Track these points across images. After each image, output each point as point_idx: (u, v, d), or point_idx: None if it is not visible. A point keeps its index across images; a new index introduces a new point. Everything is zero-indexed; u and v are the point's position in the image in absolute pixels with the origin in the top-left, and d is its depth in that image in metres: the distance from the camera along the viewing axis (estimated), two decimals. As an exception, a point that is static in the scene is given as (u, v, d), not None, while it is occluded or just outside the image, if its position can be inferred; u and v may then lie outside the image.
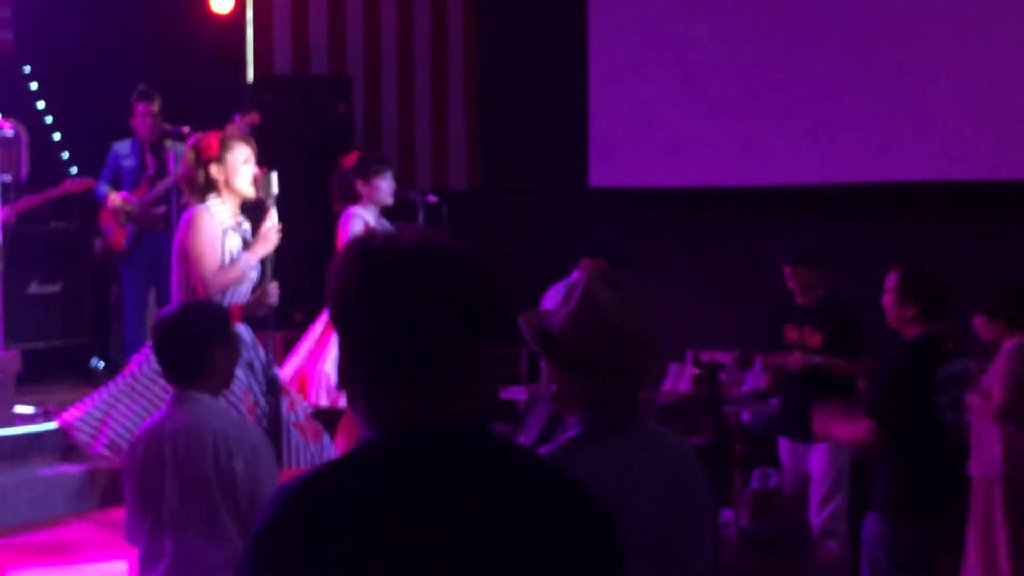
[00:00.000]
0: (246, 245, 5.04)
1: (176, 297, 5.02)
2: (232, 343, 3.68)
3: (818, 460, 5.74)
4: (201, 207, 4.99)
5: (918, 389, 4.64)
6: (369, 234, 1.82)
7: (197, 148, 5.05)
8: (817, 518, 5.75)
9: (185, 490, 3.42)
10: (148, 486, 3.48)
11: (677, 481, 2.49)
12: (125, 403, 4.84)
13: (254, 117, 7.97)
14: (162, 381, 4.70)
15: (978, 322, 5.11)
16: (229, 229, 5.01)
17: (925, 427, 4.66)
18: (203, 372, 3.55)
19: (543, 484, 1.77)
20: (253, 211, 5.13)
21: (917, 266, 4.87)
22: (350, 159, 6.86)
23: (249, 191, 5.05)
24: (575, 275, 7.18)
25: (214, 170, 5.01)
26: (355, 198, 6.68)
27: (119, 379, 4.98)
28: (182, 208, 5.24)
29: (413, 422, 1.73)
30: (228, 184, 5.02)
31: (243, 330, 4.98)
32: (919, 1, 8.14)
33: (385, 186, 6.66)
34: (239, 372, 4.37)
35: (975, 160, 7.89)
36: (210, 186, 5.02)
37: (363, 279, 1.75)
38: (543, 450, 2.52)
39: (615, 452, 2.43)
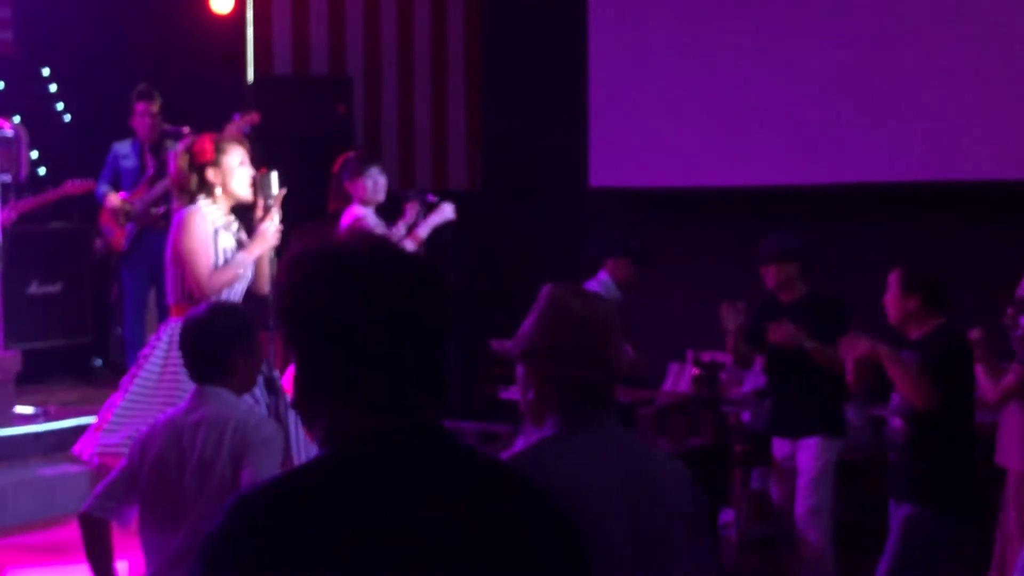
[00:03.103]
0: (240, 245, 5.04)
1: (171, 298, 5.02)
2: (255, 349, 3.71)
3: (806, 454, 5.73)
4: (193, 208, 4.98)
5: (969, 376, 4.70)
6: (315, 243, 1.77)
7: (191, 152, 5.04)
8: (801, 507, 5.74)
9: (202, 481, 3.45)
10: (165, 478, 3.50)
11: (643, 481, 2.54)
12: (142, 409, 4.83)
13: (254, 117, 7.97)
14: (174, 383, 4.72)
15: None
16: (221, 229, 5.01)
17: (966, 417, 4.70)
18: (224, 374, 3.60)
19: (505, 493, 1.73)
20: (249, 211, 5.13)
21: (915, 263, 4.90)
22: (338, 161, 6.80)
23: (246, 193, 5.04)
24: (601, 274, 7.14)
25: (211, 173, 5.00)
26: (348, 199, 6.62)
27: (126, 392, 4.95)
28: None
29: (369, 434, 1.70)
30: (225, 187, 5.02)
31: None
32: (917, 1, 8.15)
33: (370, 184, 6.55)
34: None
35: (975, 160, 7.90)
36: (202, 189, 5.01)
37: (314, 289, 1.72)
38: (517, 449, 2.61)
39: (585, 448, 2.51)
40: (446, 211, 6.73)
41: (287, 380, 5.88)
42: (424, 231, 6.64)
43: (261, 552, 1.61)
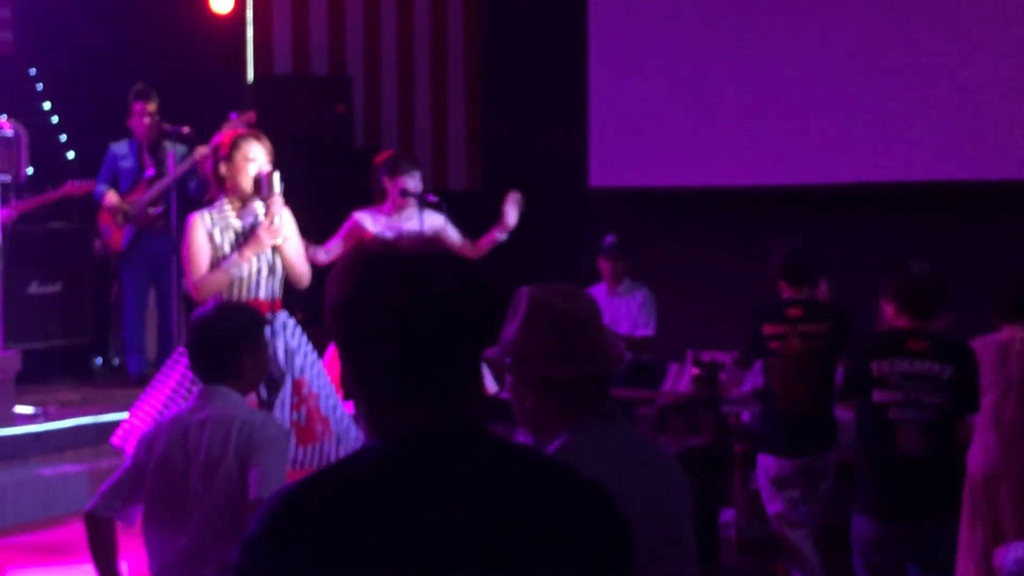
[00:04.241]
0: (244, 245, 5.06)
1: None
2: (261, 350, 3.70)
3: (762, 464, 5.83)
4: (198, 213, 5.04)
5: (856, 382, 4.66)
6: (367, 243, 1.80)
7: (215, 148, 5.13)
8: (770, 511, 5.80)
9: (208, 480, 3.44)
10: (170, 477, 3.50)
11: (661, 482, 2.53)
12: (147, 405, 4.87)
13: (250, 116, 7.96)
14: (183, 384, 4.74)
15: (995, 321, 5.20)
16: (231, 229, 5.02)
17: (866, 422, 4.67)
18: (230, 373, 3.59)
19: (552, 484, 1.73)
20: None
21: (902, 265, 4.83)
22: (382, 156, 6.87)
23: (247, 189, 5.06)
24: (602, 285, 7.30)
25: (223, 168, 5.05)
26: (382, 196, 6.67)
27: (157, 386, 4.99)
28: (182, 208, 5.29)
29: (412, 430, 1.70)
30: (233, 181, 5.05)
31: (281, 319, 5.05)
32: (917, 2, 8.15)
33: (412, 185, 6.61)
34: None
35: (974, 160, 7.90)
36: (221, 184, 5.09)
37: (359, 290, 1.73)
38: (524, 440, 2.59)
39: (596, 454, 2.47)
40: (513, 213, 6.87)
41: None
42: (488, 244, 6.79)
43: (298, 550, 1.61)
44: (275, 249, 5.06)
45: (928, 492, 4.57)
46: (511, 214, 6.66)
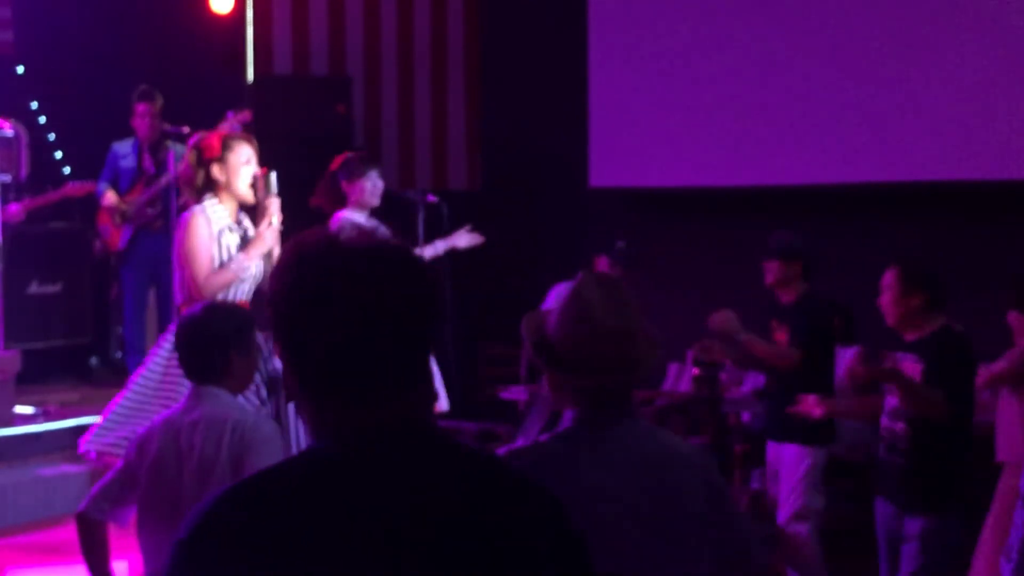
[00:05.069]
0: (245, 245, 5.03)
1: (179, 298, 5.02)
2: (252, 349, 3.70)
3: (785, 461, 5.75)
4: (197, 208, 4.98)
5: (965, 388, 4.62)
6: (306, 238, 1.75)
7: (199, 148, 5.04)
8: (783, 513, 5.74)
9: (202, 481, 3.44)
10: (164, 479, 3.49)
11: (664, 481, 2.50)
12: (144, 413, 4.83)
13: (246, 115, 7.95)
14: (175, 384, 4.71)
15: (1011, 317, 5.17)
16: (226, 229, 5.00)
17: (969, 420, 4.65)
18: (221, 374, 3.58)
19: (493, 485, 1.70)
20: (252, 212, 5.13)
21: (913, 260, 4.83)
22: (337, 160, 6.68)
23: (247, 192, 5.04)
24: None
25: (216, 170, 5.00)
26: (343, 201, 6.52)
27: (129, 391, 4.94)
28: (181, 208, 5.23)
29: (354, 430, 1.67)
30: (228, 184, 5.02)
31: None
32: (917, 2, 8.14)
33: (369, 186, 6.41)
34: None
35: (975, 160, 7.89)
36: (209, 186, 5.01)
37: (300, 286, 1.69)
38: (525, 441, 2.56)
39: (599, 448, 2.46)
40: (467, 238, 6.79)
41: None
42: (432, 251, 6.65)
43: (223, 555, 1.59)
44: (270, 252, 5.05)
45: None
46: (462, 238, 6.71)
